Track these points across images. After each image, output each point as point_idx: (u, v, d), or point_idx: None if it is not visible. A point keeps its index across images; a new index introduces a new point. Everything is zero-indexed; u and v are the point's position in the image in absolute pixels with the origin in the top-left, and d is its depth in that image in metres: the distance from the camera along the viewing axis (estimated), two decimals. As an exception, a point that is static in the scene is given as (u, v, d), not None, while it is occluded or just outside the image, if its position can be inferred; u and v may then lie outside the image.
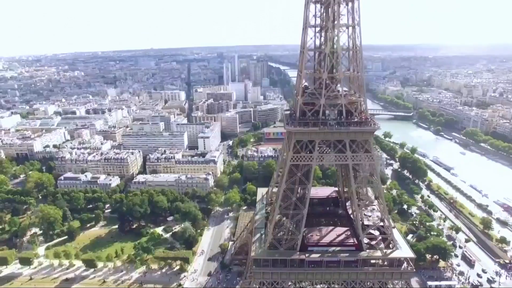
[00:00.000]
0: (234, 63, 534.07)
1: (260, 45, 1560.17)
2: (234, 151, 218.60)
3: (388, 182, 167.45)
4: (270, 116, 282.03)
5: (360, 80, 73.89)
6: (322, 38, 75.47)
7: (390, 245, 78.13)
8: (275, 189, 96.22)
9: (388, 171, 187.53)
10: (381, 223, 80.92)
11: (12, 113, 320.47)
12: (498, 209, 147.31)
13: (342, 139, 73.04)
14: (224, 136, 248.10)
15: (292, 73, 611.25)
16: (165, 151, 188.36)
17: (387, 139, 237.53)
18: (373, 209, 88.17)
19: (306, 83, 79.38)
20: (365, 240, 77.97)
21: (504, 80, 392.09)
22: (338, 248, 76.54)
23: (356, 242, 77.07)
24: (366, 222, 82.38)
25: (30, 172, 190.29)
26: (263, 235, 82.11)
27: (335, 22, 68.68)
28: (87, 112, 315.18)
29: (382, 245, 78.12)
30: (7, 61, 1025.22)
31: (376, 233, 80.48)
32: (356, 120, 72.29)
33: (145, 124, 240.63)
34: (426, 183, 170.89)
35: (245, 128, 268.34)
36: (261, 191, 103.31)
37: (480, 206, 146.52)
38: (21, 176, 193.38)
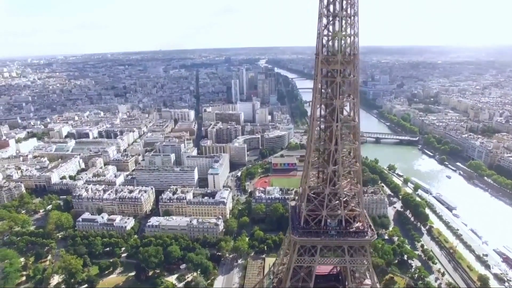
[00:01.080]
0: (242, 76, 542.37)
1: (268, 47, 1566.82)
2: (242, 185, 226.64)
3: (390, 227, 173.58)
4: (278, 143, 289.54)
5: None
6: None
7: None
8: (284, 260, 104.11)
9: (391, 211, 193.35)
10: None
11: (28, 133, 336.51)
12: (497, 259, 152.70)
13: (341, 245, 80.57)
14: (233, 166, 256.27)
15: (300, 84, 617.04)
16: (176, 190, 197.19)
17: (391, 171, 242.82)
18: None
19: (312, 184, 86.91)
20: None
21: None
22: None
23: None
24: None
25: (49, 207, 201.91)
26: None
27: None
28: (100, 134, 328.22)
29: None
30: (20, 64, 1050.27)
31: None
32: (354, 229, 79.70)
33: (156, 156, 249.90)
34: (427, 227, 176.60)
35: (253, 156, 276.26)
36: (269, 262, 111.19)
37: (479, 258, 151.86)
38: (41, 211, 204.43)
